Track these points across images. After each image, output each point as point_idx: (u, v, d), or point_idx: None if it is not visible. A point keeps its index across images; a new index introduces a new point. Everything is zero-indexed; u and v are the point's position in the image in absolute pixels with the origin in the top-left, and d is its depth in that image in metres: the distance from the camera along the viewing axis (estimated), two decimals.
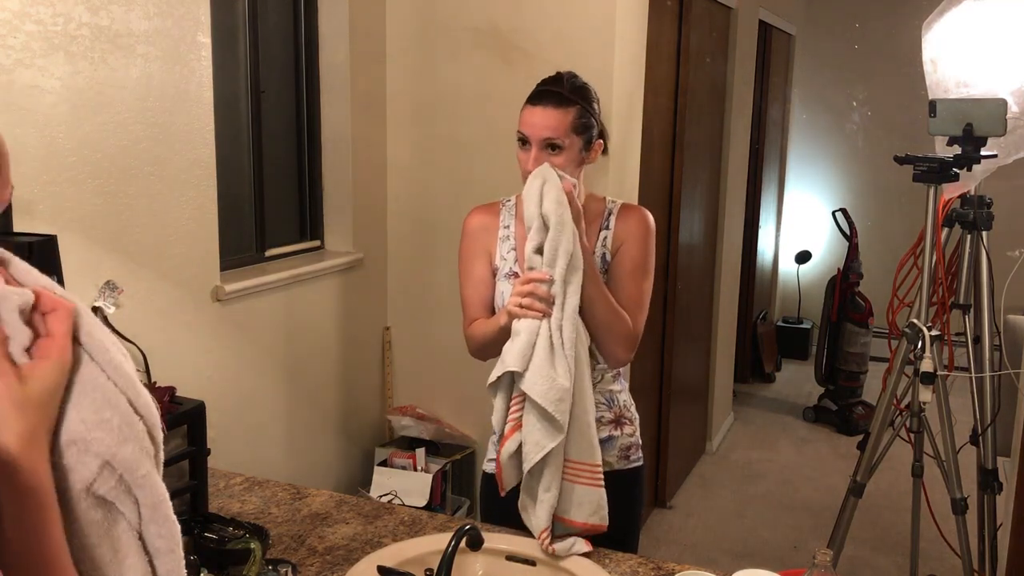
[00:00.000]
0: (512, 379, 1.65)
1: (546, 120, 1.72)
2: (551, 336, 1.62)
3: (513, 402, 1.67)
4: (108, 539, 0.72)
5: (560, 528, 1.67)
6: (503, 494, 1.71)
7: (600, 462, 1.69)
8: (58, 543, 0.67)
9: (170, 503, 0.75)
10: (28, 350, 0.71)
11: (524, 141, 1.75)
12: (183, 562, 0.76)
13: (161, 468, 0.75)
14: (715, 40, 4.19)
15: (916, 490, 2.84)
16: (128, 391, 0.74)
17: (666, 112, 3.64)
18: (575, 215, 1.65)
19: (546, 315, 1.63)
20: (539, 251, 1.65)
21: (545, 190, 1.65)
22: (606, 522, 1.68)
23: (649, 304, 1.85)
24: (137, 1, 2.07)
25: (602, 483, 1.68)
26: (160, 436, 0.76)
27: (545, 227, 1.64)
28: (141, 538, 0.74)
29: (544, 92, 1.75)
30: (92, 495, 0.71)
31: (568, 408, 1.60)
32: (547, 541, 1.63)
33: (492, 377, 1.67)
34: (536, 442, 1.61)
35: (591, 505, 1.66)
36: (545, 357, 1.61)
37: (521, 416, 1.65)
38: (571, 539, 1.66)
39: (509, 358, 1.63)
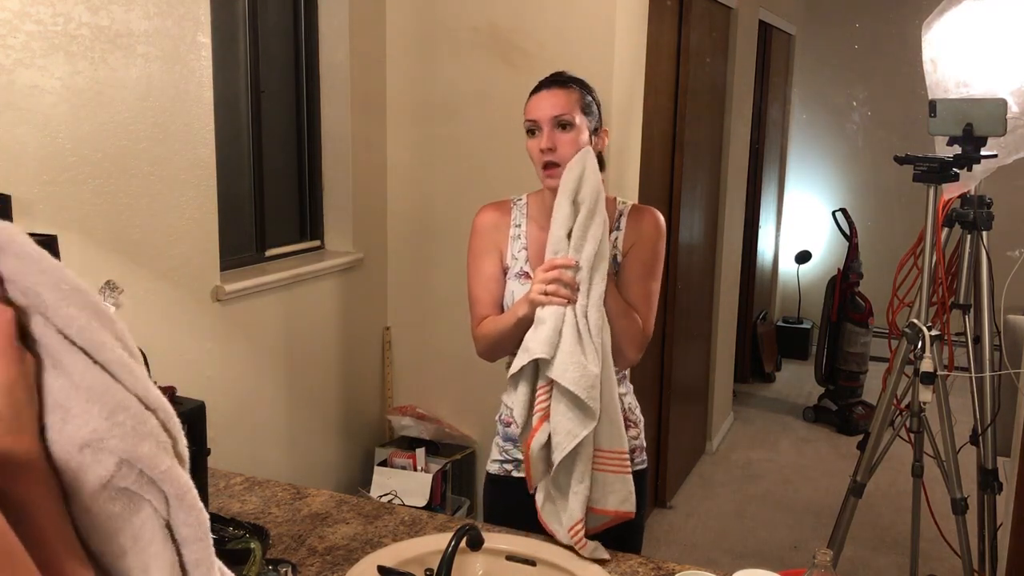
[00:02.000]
0: (535, 369, 1.63)
1: (553, 99, 1.73)
2: (577, 323, 1.60)
3: (539, 392, 1.63)
4: (129, 528, 0.73)
5: (592, 519, 1.65)
6: (532, 491, 1.68)
7: (627, 449, 1.68)
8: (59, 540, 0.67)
9: (195, 491, 0.76)
10: None
11: (533, 130, 1.74)
12: (212, 550, 0.77)
13: (185, 455, 0.75)
14: (715, 40, 4.19)
15: (916, 490, 2.84)
16: (137, 389, 0.74)
17: (666, 112, 3.64)
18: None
19: (571, 302, 1.60)
20: (568, 236, 1.63)
21: (585, 175, 1.63)
22: (635, 508, 1.67)
23: (657, 305, 1.84)
24: (137, 1, 2.08)
25: (629, 470, 1.67)
26: (177, 425, 0.76)
27: (575, 212, 1.62)
28: (169, 527, 0.75)
29: (545, 80, 1.78)
30: (112, 488, 0.71)
31: (599, 395, 1.58)
32: (580, 534, 1.61)
33: (515, 367, 1.64)
34: (568, 431, 1.59)
35: (622, 492, 1.65)
36: (573, 343, 1.58)
37: (549, 406, 1.62)
38: (594, 543, 1.64)
39: (534, 345, 1.60)
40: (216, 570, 0.77)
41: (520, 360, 1.63)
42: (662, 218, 1.86)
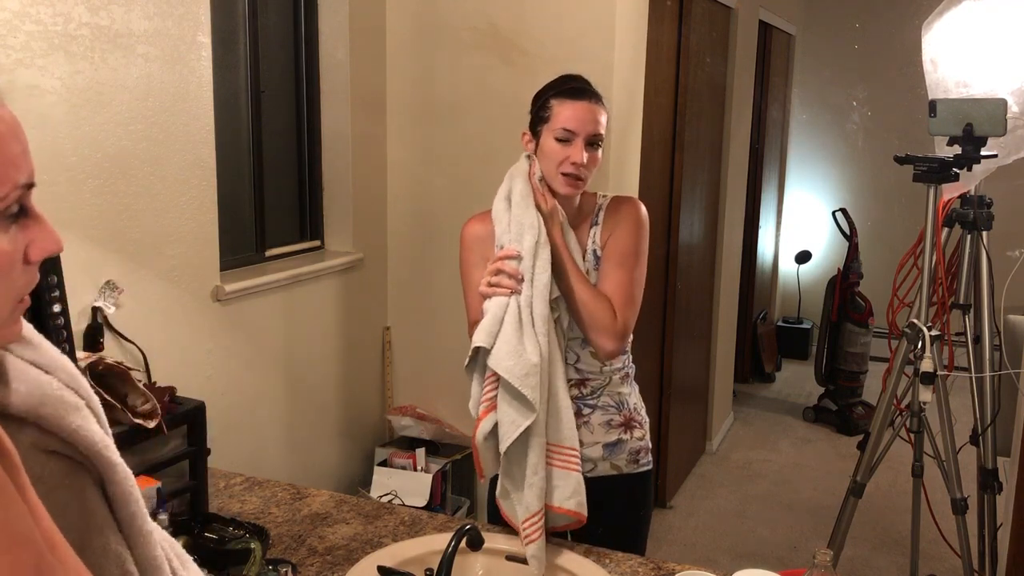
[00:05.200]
0: (486, 359, 1.66)
1: (594, 115, 1.73)
2: (520, 312, 1.63)
3: (487, 382, 1.67)
4: (67, 486, 0.74)
5: (550, 517, 1.65)
6: (483, 480, 1.72)
7: (577, 446, 1.68)
8: (34, 496, 0.69)
9: (113, 448, 0.76)
10: None
11: (567, 139, 1.72)
12: (142, 503, 0.78)
13: (100, 413, 0.76)
14: (715, 40, 4.19)
15: (916, 490, 2.84)
16: (25, 354, 0.75)
17: (666, 112, 3.64)
18: (539, 203, 1.71)
19: (515, 292, 1.64)
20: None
21: (511, 173, 1.77)
22: (584, 509, 1.67)
23: (641, 296, 1.81)
24: (137, 1, 2.07)
25: (579, 468, 1.67)
26: (84, 383, 0.77)
27: (510, 207, 1.72)
28: (106, 495, 0.76)
29: (582, 89, 1.75)
30: (42, 451, 0.73)
31: (537, 384, 1.59)
32: (536, 525, 1.61)
33: (467, 359, 1.69)
34: (511, 420, 1.61)
35: (567, 489, 1.65)
36: (513, 332, 1.61)
37: (496, 396, 1.65)
38: (536, 546, 1.61)
39: (477, 336, 1.64)
40: (150, 522, 0.79)
41: (469, 353, 1.67)
42: (643, 208, 1.84)
